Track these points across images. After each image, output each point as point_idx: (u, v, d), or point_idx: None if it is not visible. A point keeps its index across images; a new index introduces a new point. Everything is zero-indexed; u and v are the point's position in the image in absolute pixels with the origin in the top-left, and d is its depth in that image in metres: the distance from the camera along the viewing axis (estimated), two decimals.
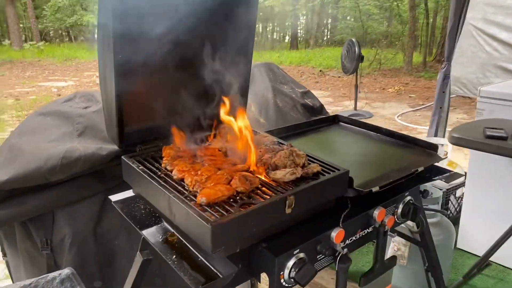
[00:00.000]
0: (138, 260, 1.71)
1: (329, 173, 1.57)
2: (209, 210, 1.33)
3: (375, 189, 1.61)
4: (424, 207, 2.53)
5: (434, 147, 1.99)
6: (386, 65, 14.77)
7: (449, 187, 3.39)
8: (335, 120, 2.41)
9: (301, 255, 1.45)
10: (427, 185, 2.38)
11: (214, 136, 1.81)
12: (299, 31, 28.76)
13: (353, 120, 2.35)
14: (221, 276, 1.41)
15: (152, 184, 1.48)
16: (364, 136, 2.24)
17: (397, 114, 7.82)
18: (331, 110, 8.45)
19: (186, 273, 1.45)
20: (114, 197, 1.76)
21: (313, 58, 17.77)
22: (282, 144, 1.78)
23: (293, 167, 1.56)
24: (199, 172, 1.48)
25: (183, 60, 1.71)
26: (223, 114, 1.72)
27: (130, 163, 1.61)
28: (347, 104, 8.68)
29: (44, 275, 1.55)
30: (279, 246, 1.43)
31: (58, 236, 1.97)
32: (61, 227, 1.96)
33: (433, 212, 2.55)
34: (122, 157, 1.66)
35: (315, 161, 1.67)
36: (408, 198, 1.81)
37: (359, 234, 1.67)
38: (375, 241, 1.72)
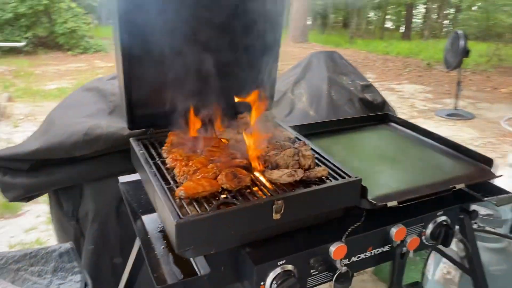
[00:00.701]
0: (136, 245, 1.69)
1: (336, 179, 1.39)
2: (185, 205, 1.24)
3: (391, 204, 1.39)
4: (486, 229, 2.18)
5: (488, 162, 1.67)
6: (507, 62, 13.21)
7: None
8: (385, 119, 2.15)
9: (288, 267, 1.30)
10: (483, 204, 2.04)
11: (228, 126, 1.70)
12: (415, 20, 26.97)
13: (403, 121, 2.07)
14: (199, 274, 1.33)
15: (144, 170, 1.43)
16: (412, 140, 1.96)
17: (504, 118, 6.95)
18: (427, 107, 7.81)
19: (167, 266, 1.39)
20: (123, 178, 1.75)
21: (424, 50, 16.54)
22: (298, 141, 1.61)
23: (296, 168, 1.40)
24: (190, 163, 1.39)
25: (199, 43, 1.62)
26: (238, 102, 1.61)
27: (134, 146, 1.58)
28: (448, 102, 7.93)
29: (45, 246, 1.60)
30: (262, 254, 1.30)
31: (83, 210, 2.03)
32: (87, 201, 2.01)
33: (498, 236, 2.18)
34: (130, 139, 1.64)
35: (327, 163, 1.48)
36: (442, 218, 1.54)
37: (370, 252, 1.46)
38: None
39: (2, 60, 11.97)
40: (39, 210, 3.78)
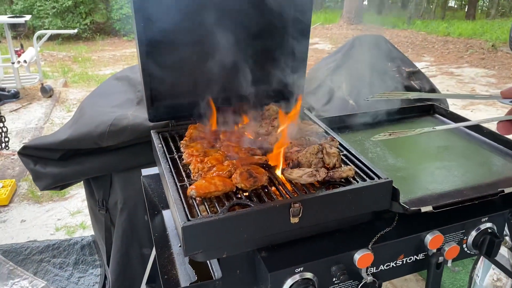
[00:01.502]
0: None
1: (364, 180, 1.26)
2: (196, 205, 1.17)
3: (425, 209, 1.24)
4: None
5: None
6: None
7: None
8: (430, 110, 1.96)
9: (308, 274, 1.19)
10: None
11: (252, 119, 1.61)
12: None
13: (451, 114, 1.88)
14: (214, 278, 1.26)
15: (160, 164, 1.37)
16: (459, 135, 1.77)
17: None
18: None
19: (181, 266, 1.33)
20: (146, 171, 1.71)
21: (489, 31, 15.46)
22: (326, 136, 1.49)
23: (319, 167, 1.28)
24: (205, 159, 1.31)
25: (222, 30, 1.53)
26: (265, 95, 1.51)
27: (153, 139, 1.53)
28: None
29: (68, 238, 1.60)
30: (278, 259, 1.20)
31: (113, 199, 2.03)
32: (116, 191, 2.01)
33: None
34: (151, 131, 1.58)
35: (356, 162, 1.35)
36: (487, 225, 1.37)
37: (401, 261, 1.32)
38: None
39: (63, 46, 12.54)
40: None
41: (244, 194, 1.23)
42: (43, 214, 3.64)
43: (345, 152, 1.41)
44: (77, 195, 3.93)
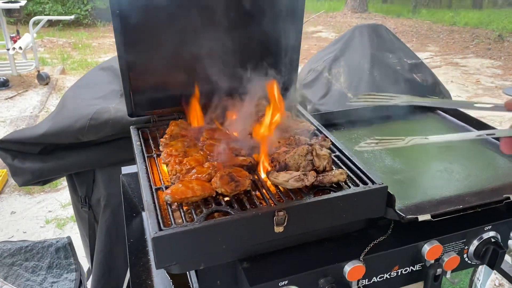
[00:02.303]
0: None
1: (357, 185, 1.15)
2: (170, 212, 1.07)
3: (423, 217, 1.13)
4: None
5: None
6: None
7: None
8: (433, 107, 1.84)
9: None
10: None
11: (239, 115, 1.49)
12: None
13: (454, 111, 1.76)
14: None
15: (137, 164, 1.27)
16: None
17: None
18: (495, 84, 7.12)
19: (158, 275, 1.23)
20: (126, 169, 1.61)
21: (496, 20, 15.20)
22: (319, 134, 1.38)
23: (307, 171, 1.17)
24: (184, 161, 1.20)
25: (206, 20, 1.41)
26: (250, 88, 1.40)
27: (133, 135, 1.42)
28: None
29: (42, 240, 1.50)
30: (261, 271, 1.10)
31: (96, 196, 1.93)
32: (99, 187, 1.91)
33: None
34: (130, 127, 1.48)
35: (349, 164, 1.24)
36: (490, 234, 1.27)
37: (396, 272, 1.22)
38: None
39: (63, 32, 12.38)
40: None
41: (225, 199, 1.12)
42: (34, 206, 3.56)
43: (337, 153, 1.30)
44: None
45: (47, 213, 3.42)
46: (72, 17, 7.13)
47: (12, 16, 5.86)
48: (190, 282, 1.18)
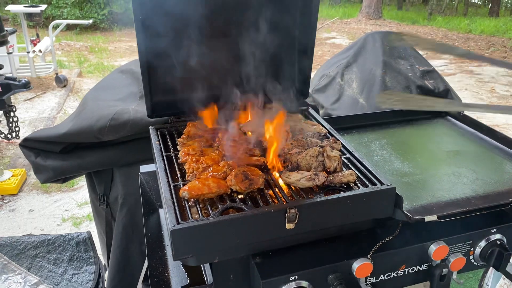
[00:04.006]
0: None
1: (366, 186, 1.20)
2: (187, 208, 1.13)
3: (430, 218, 1.17)
4: None
5: None
6: None
7: None
8: (442, 112, 1.88)
9: (303, 283, 1.15)
10: None
11: (253, 117, 1.55)
12: None
13: (464, 116, 1.80)
14: (206, 282, 1.22)
15: (156, 162, 1.33)
16: (470, 139, 1.69)
17: None
18: (510, 92, 7.08)
19: (174, 268, 1.29)
20: (145, 168, 1.68)
21: None
22: (330, 137, 1.43)
23: (318, 171, 1.22)
24: (201, 159, 1.26)
25: (224, 26, 1.48)
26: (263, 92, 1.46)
27: (152, 135, 1.49)
28: None
29: (63, 234, 1.57)
30: (273, 266, 1.15)
31: (114, 194, 2.00)
32: (117, 186, 1.97)
33: None
34: (150, 127, 1.54)
35: (358, 166, 1.29)
36: (497, 237, 1.30)
37: (403, 271, 1.26)
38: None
39: (80, 36, 12.61)
40: None
41: (239, 196, 1.18)
42: (51, 205, 3.65)
43: (348, 155, 1.35)
44: (85, 186, 3.92)
45: (64, 212, 3.51)
46: (91, 21, 7.29)
47: (32, 20, 6.02)
48: (204, 275, 1.24)
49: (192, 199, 1.15)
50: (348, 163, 1.32)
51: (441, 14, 19.75)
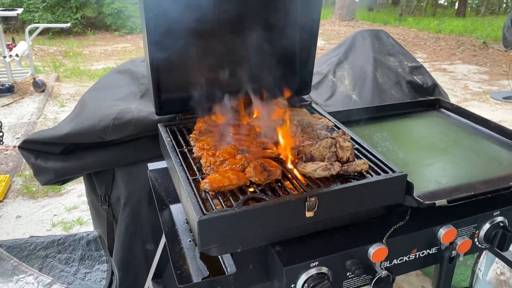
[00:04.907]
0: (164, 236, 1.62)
1: (378, 174, 1.25)
2: (210, 199, 1.15)
3: (440, 203, 1.23)
4: None
5: None
6: None
7: None
8: (435, 105, 1.96)
9: (323, 269, 1.18)
10: None
11: (261, 112, 1.59)
12: None
13: (456, 108, 1.88)
14: (226, 273, 1.24)
15: (170, 158, 1.35)
16: (466, 129, 1.77)
17: None
18: (482, 89, 7.33)
19: (192, 261, 1.31)
20: (152, 165, 1.69)
21: (480, 28, 15.58)
22: (337, 129, 1.48)
23: (332, 161, 1.27)
24: (217, 153, 1.29)
25: (228, 26, 1.51)
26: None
27: (161, 132, 1.50)
28: (505, 84, 7.40)
29: (73, 234, 1.56)
30: (293, 254, 1.19)
31: (115, 194, 1.99)
32: (119, 185, 1.97)
33: None
34: (158, 125, 1.56)
35: (368, 156, 1.34)
36: (499, 219, 1.37)
37: (415, 255, 1.32)
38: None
39: (53, 41, 12.36)
40: (82, 189, 3.84)
41: (258, 188, 1.21)
42: (39, 210, 3.59)
43: (356, 146, 1.40)
44: (73, 190, 3.88)
45: (53, 217, 3.45)
46: (69, 24, 7.18)
47: (9, 24, 5.89)
48: (223, 266, 1.26)
49: (213, 192, 1.17)
50: (358, 154, 1.37)
51: (411, 15, 20.22)
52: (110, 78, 2.19)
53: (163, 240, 1.66)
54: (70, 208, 3.59)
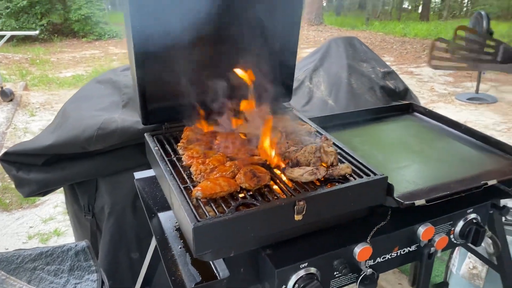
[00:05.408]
0: (153, 243, 1.65)
1: (361, 177, 1.32)
2: (202, 206, 1.19)
3: (419, 202, 1.31)
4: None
5: None
6: None
7: None
8: (409, 109, 2.06)
9: (312, 269, 1.24)
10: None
11: (246, 119, 1.63)
12: (433, 0, 26.25)
13: (429, 112, 1.98)
14: (219, 277, 1.28)
15: (160, 167, 1.38)
16: (438, 132, 1.87)
17: None
18: (448, 90, 7.61)
19: (184, 267, 1.34)
20: (138, 174, 1.71)
21: (443, 31, 16.12)
22: (319, 135, 1.54)
23: (318, 166, 1.33)
24: (207, 161, 1.33)
25: (212, 35, 1.55)
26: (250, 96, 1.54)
27: (149, 142, 1.53)
28: (469, 86, 7.71)
29: (61, 245, 1.57)
30: (283, 256, 1.24)
31: (99, 204, 2.00)
32: (103, 196, 1.98)
33: None
34: (145, 134, 1.58)
35: (350, 160, 1.41)
36: (472, 216, 1.46)
37: (396, 253, 1.39)
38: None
39: (18, 48, 12.05)
40: (57, 200, 3.79)
41: (248, 194, 1.26)
42: (13, 223, 3.52)
43: (339, 151, 1.47)
44: (48, 201, 3.81)
45: (29, 229, 3.39)
46: (37, 32, 7.03)
47: None
48: (215, 271, 1.30)
49: (204, 199, 1.21)
50: (341, 158, 1.43)
51: (378, 19, 20.72)
52: (91, 88, 2.19)
53: (151, 248, 1.68)
54: (46, 219, 3.54)
